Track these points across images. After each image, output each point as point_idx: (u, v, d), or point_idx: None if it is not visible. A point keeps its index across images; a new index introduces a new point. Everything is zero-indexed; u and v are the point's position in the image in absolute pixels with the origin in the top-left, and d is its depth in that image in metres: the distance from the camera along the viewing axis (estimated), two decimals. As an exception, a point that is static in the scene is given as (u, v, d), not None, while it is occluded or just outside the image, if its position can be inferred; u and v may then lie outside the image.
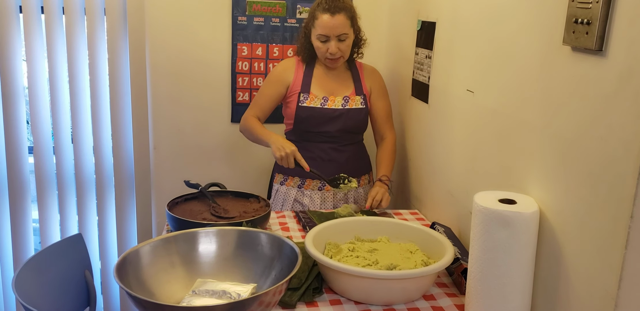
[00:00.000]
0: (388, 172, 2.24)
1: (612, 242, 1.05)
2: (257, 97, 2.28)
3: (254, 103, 2.28)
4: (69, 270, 1.83)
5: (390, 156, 2.28)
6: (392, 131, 2.33)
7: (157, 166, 2.72)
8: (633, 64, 1.00)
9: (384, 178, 2.21)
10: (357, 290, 1.46)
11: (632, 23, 1.01)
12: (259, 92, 2.28)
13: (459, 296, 1.54)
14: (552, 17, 1.26)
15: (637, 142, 0.99)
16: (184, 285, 1.45)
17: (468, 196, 1.75)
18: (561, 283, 1.24)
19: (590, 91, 1.13)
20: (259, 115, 2.25)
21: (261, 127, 2.18)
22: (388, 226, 1.74)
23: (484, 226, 1.29)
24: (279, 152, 2.02)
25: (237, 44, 2.62)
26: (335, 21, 2.08)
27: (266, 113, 2.27)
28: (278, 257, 1.46)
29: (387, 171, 2.24)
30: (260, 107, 2.25)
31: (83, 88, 2.75)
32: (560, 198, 1.23)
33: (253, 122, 2.21)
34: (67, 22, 2.65)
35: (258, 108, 2.25)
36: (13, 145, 2.79)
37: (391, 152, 2.29)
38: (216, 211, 1.85)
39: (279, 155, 2.02)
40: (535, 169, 1.34)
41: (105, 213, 2.91)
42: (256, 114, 2.25)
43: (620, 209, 1.03)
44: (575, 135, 1.17)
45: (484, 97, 1.65)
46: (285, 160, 2.01)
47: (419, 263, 1.53)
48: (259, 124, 2.21)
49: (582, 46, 1.13)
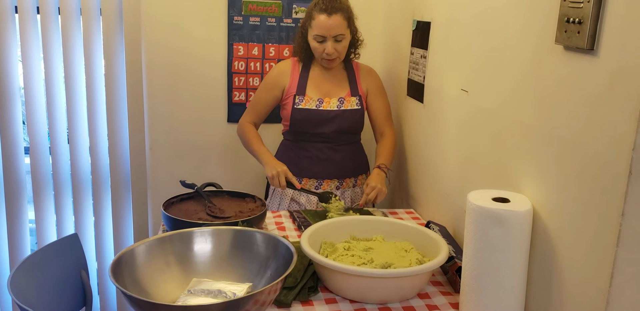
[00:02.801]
0: (387, 161, 2.21)
1: (604, 240, 1.06)
2: (253, 101, 2.30)
3: (251, 107, 2.30)
4: (65, 270, 1.83)
5: (391, 148, 2.26)
6: (392, 128, 2.33)
7: (153, 166, 2.72)
8: (624, 63, 1.01)
9: (382, 165, 2.17)
10: (352, 288, 1.47)
11: (623, 22, 1.02)
12: (256, 96, 2.30)
13: (454, 294, 1.55)
14: (545, 16, 1.26)
15: (629, 141, 0.99)
16: (179, 285, 1.45)
17: (463, 195, 1.75)
18: (554, 281, 1.24)
19: (582, 90, 1.13)
20: (255, 121, 2.30)
21: (257, 142, 2.24)
22: (383, 225, 1.75)
23: (477, 225, 1.29)
24: (270, 172, 2.10)
25: (233, 44, 2.62)
26: (332, 22, 2.08)
27: (262, 118, 2.31)
28: (273, 256, 1.47)
29: (386, 160, 2.20)
30: (257, 113, 2.29)
31: (79, 88, 2.76)
32: (554, 197, 1.24)
33: (250, 133, 2.26)
34: (63, 22, 2.65)
35: (254, 114, 2.29)
36: (9, 145, 2.79)
37: (392, 145, 2.27)
38: (212, 211, 1.85)
39: (271, 175, 2.09)
40: (529, 168, 1.35)
41: (102, 213, 2.91)
42: (252, 121, 2.29)
43: (612, 207, 1.04)
44: (568, 134, 1.18)
45: (478, 96, 1.66)
46: (277, 179, 2.08)
47: (413, 261, 1.54)
48: (255, 137, 2.26)
49: (574, 45, 1.13)
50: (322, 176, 2.26)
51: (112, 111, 2.77)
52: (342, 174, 2.28)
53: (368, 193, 2.08)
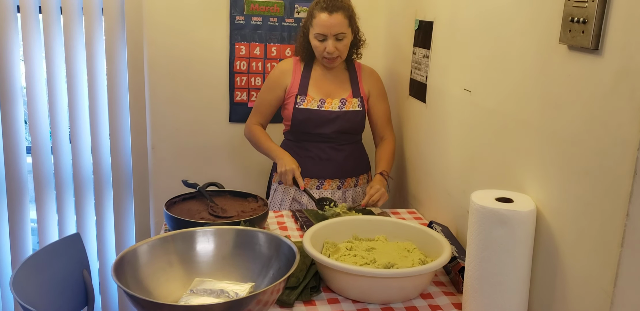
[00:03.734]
0: (388, 168, 2.23)
1: (609, 240, 1.06)
2: (257, 103, 2.30)
3: (255, 110, 2.31)
4: (67, 269, 1.83)
5: (390, 153, 2.28)
6: (392, 133, 2.34)
7: (155, 166, 2.72)
8: (628, 62, 1.01)
9: (384, 172, 2.20)
10: (354, 288, 1.46)
11: (628, 22, 1.01)
12: (259, 98, 2.30)
13: (457, 294, 1.54)
14: (549, 16, 1.26)
15: (633, 141, 0.99)
16: (181, 284, 1.45)
17: (465, 195, 1.75)
18: (558, 281, 1.24)
19: (586, 90, 1.13)
20: (262, 122, 2.31)
21: (266, 141, 2.24)
22: (386, 225, 1.74)
23: (481, 225, 1.29)
24: (280, 168, 2.12)
25: (235, 44, 2.62)
26: (333, 20, 2.08)
27: (268, 118, 2.31)
28: (276, 256, 1.47)
29: (386, 167, 2.23)
30: (262, 114, 2.29)
31: (81, 88, 2.76)
32: (557, 197, 1.24)
33: (258, 133, 2.27)
34: (65, 22, 2.65)
35: (260, 115, 2.29)
36: (11, 145, 2.79)
37: (391, 150, 2.29)
38: (214, 210, 1.85)
39: (280, 171, 2.11)
40: (532, 168, 1.35)
41: (104, 212, 2.91)
42: (259, 122, 2.30)
43: (616, 208, 1.04)
44: (572, 134, 1.18)
45: (481, 96, 1.65)
46: (284, 176, 2.09)
47: (416, 261, 1.54)
48: (264, 135, 2.26)
49: (579, 45, 1.13)
50: (323, 175, 2.25)
51: (114, 111, 2.77)
52: (343, 174, 2.28)
53: (372, 194, 2.08)
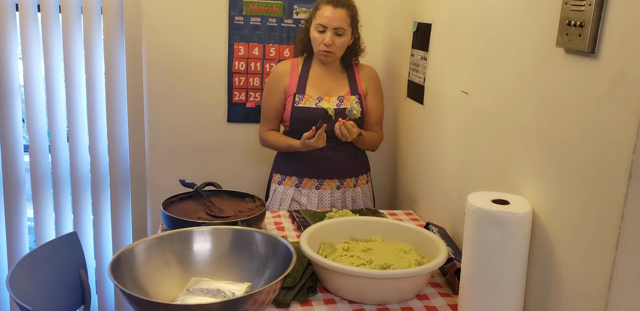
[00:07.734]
0: (366, 135, 2.23)
1: (604, 242, 1.06)
2: (263, 111, 2.32)
3: (263, 118, 2.32)
4: (64, 268, 1.83)
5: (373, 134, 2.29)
6: (381, 132, 2.36)
7: (153, 165, 2.72)
8: (625, 66, 1.02)
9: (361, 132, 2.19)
10: (351, 289, 1.47)
11: (624, 25, 1.02)
12: (263, 105, 2.32)
13: (452, 296, 1.55)
14: (546, 19, 1.27)
15: (629, 144, 1.00)
16: (178, 284, 1.45)
17: (462, 196, 1.76)
18: (553, 283, 1.25)
19: (583, 93, 1.14)
20: (273, 128, 2.32)
21: (282, 139, 2.24)
22: (382, 226, 1.75)
23: (477, 227, 1.30)
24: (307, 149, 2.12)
25: (234, 44, 2.62)
26: (336, 13, 2.12)
27: (278, 123, 2.32)
28: (272, 256, 1.47)
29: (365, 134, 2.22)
30: (270, 120, 2.30)
31: (79, 87, 2.75)
32: (553, 199, 1.24)
33: (272, 136, 2.28)
34: (64, 21, 2.65)
35: (268, 122, 2.31)
36: (8, 143, 2.78)
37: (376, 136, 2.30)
38: (211, 210, 1.85)
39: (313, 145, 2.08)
40: (529, 170, 1.35)
41: (101, 211, 2.91)
42: (270, 129, 2.32)
43: (611, 210, 1.04)
44: (569, 136, 1.18)
45: (478, 98, 1.66)
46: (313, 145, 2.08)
47: (412, 262, 1.54)
48: (276, 137, 2.27)
49: (575, 48, 1.14)
50: (322, 175, 2.26)
51: (112, 110, 2.77)
52: (342, 174, 2.28)
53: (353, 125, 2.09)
